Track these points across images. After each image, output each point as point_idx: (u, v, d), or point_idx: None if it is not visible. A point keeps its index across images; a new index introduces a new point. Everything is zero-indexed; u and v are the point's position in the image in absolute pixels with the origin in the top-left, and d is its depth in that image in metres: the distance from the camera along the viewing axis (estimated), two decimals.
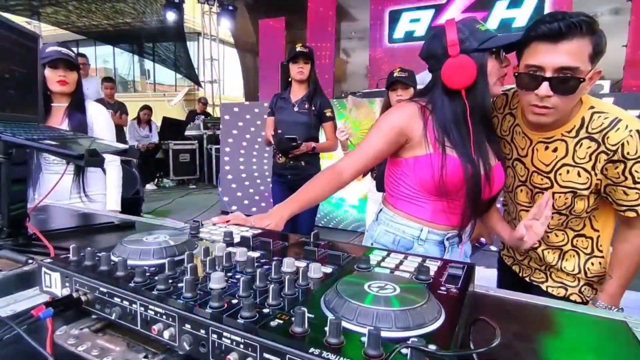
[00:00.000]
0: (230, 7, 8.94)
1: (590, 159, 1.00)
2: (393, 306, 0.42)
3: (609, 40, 0.93)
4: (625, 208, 1.02)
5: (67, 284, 0.56)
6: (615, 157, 0.97)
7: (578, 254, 1.14)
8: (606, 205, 1.08)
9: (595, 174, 1.01)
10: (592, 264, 1.13)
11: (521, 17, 5.46)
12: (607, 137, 0.97)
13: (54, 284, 0.57)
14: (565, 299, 1.16)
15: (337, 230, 4.42)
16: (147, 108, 7.01)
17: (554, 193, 1.07)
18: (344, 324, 0.40)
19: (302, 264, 0.59)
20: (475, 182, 1.02)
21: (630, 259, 1.07)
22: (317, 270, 0.56)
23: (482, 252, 1.66)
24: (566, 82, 0.92)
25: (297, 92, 2.59)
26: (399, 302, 0.43)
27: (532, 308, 0.69)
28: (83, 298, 0.53)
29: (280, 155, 2.59)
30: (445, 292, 0.52)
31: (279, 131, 2.55)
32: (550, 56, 0.91)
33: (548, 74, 0.92)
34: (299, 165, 2.54)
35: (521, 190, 1.17)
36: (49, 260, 0.60)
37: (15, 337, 0.49)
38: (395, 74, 2.20)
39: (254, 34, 8.33)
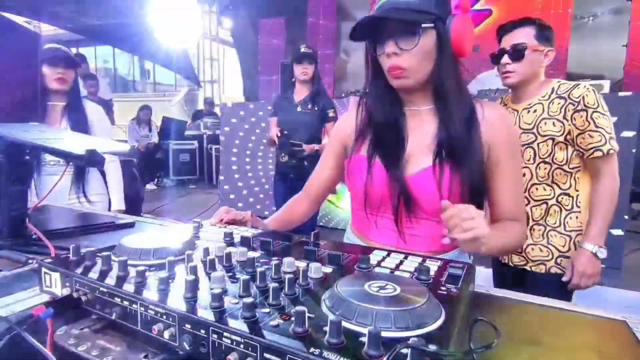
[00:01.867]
0: (230, 7, 8.93)
1: (560, 111, 1.34)
2: (393, 306, 0.42)
3: (609, 40, 0.99)
4: (592, 149, 1.30)
5: (67, 284, 0.56)
6: (579, 107, 1.30)
7: (561, 209, 1.39)
8: (585, 171, 1.37)
9: (567, 122, 1.32)
10: (571, 218, 1.38)
11: None
12: (572, 93, 1.32)
13: (54, 284, 0.57)
14: (547, 274, 1.39)
15: (337, 230, 4.42)
16: (146, 108, 7.00)
17: (538, 143, 1.37)
18: (344, 324, 0.40)
19: (302, 264, 0.59)
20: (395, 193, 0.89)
21: (603, 200, 1.32)
22: (317, 270, 0.56)
23: None
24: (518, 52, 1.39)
25: (301, 92, 2.60)
26: (399, 302, 0.43)
27: (532, 308, 0.69)
28: (83, 298, 0.53)
29: (283, 154, 2.60)
30: (445, 292, 0.52)
31: (285, 132, 2.55)
32: (507, 40, 1.42)
33: (507, 49, 1.41)
34: (302, 165, 2.54)
35: None
36: (49, 260, 0.60)
37: (16, 337, 0.49)
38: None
39: (253, 34, 8.33)
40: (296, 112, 2.57)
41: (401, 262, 0.63)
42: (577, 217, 1.37)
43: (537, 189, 1.40)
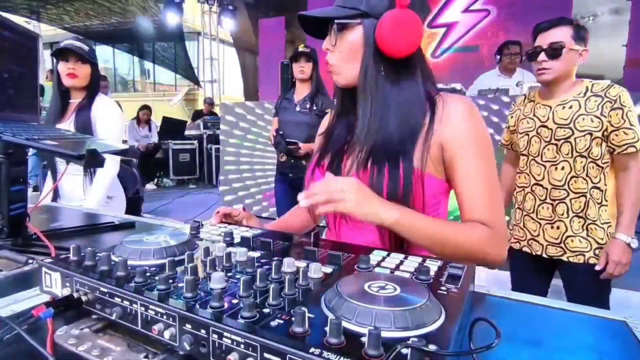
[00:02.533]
0: (230, 7, 8.93)
1: (598, 108, 1.43)
2: (393, 306, 0.42)
3: (609, 40, 0.99)
4: (626, 145, 1.41)
5: (67, 284, 0.56)
6: (616, 105, 1.40)
7: (594, 203, 1.48)
8: (611, 166, 1.47)
9: (605, 118, 1.41)
10: (604, 211, 1.48)
11: None
12: (608, 92, 1.43)
13: (54, 284, 0.57)
14: (586, 264, 1.48)
15: None
16: (146, 108, 6.98)
17: (575, 138, 1.45)
18: (344, 324, 0.40)
19: (302, 264, 0.59)
20: None
21: (635, 192, 1.43)
22: (317, 270, 0.56)
23: None
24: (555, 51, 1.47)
25: (301, 92, 2.60)
26: (399, 302, 0.43)
27: (532, 308, 0.69)
28: (83, 298, 0.53)
29: (281, 154, 2.60)
30: (445, 292, 0.52)
31: (281, 132, 2.56)
32: (544, 38, 1.50)
33: (544, 47, 1.49)
34: (300, 164, 2.54)
35: (548, 149, 1.53)
36: (49, 260, 0.60)
37: (16, 337, 0.49)
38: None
39: (253, 33, 8.32)
40: (295, 112, 2.58)
41: (401, 262, 0.63)
42: (606, 210, 1.48)
43: (575, 181, 1.48)
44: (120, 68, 15.82)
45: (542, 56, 1.47)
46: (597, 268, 1.46)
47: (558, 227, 1.53)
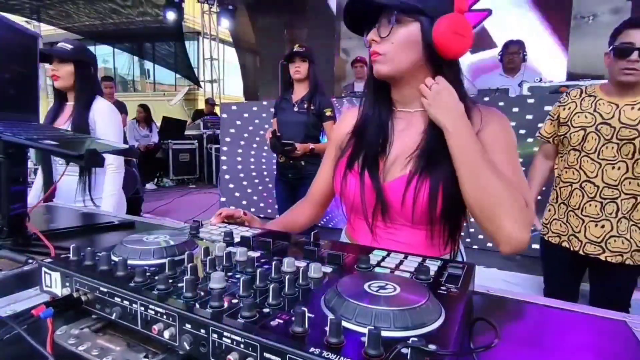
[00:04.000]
0: (230, 7, 8.93)
1: None
2: (393, 306, 0.42)
3: (608, 40, 0.97)
4: None
5: (67, 284, 0.56)
6: None
7: None
8: None
9: None
10: None
11: None
12: None
13: (54, 283, 0.57)
14: (622, 265, 1.51)
15: (337, 230, 4.42)
16: (140, 106, 6.93)
17: None
18: (344, 323, 0.40)
19: (302, 263, 0.59)
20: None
21: None
22: (317, 270, 0.56)
23: (482, 252, 1.68)
24: None
25: (298, 92, 2.60)
26: (399, 302, 0.43)
27: (532, 308, 0.69)
28: (83, 298, 0.53)
29: (279, 154, 2.60)
30: (445, 292, 0.52)
31: (278, 134, 2.55)
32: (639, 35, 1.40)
33: (637, 46, 1.40)
34: (299, 165, 2.54)
35: (606, 147, 1.50)
36: (49, 260, 0.60)
37: (16, 337, 0.49)
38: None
39: (253, 33, 8.32)
40: (293, 112, 2.58)
41: (401, 262, 0.63)
42: None
43: (630, 182, 1.48)
44: (120, 68, 15.82)
45: (635, 55, 1.40)
46: None
47: (603, 226, 1.53)
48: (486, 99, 3.37)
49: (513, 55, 3.79)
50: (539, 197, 1.97)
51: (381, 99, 0.93)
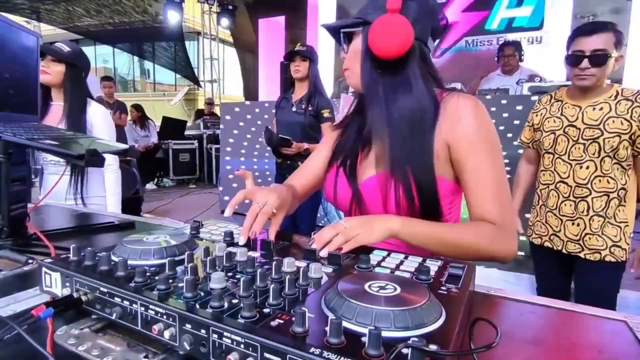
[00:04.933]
0: (230, 7, 8.92)
1: (628, 112, 1.46)
2: (393, 306, 0.42)
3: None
4: None
5: (67, 284, 0.56)
6: None
7: (619, 202, 1.53)
8: (635, 170, 1.54)
9: (634, 122, 1.45)
10: (621, 210, 1.54)
11: (522, 16, 5.46)
12: (639, 97, 1.47)
13: (54, 283, 0.57)
14: (602, 261, 1.55)
15: None
16: (133, 107, 6.84)
17: (604, 139, 1.49)
18: (345, 323, 0.40)
19: (302, 263, 0.59)
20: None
21: None
22: (317, 270, 0.56)
23: None
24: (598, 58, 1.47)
25: (298, 92, 2.60)
26: (399, 302, 0.43)
27: (532, 308, 0.69)
28: (83, 298, 0.53)
29: (275, 148, 2.60)
30: (445, 292, 0.52)
31: (275, 132, 2.55)
32: (587, 43, 1.48)
33: (587, 53, 1.48)
34: (295, 165, 2.54)
35: (575, 148, 1.57)
36: (49, 260, 0.60)
37: (16, 337, 0.49)
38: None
39: (253, 33, 8.32)
40: (291, 112, 2.57)
41: (401, 262, 0.63)
42: (624, 210, 1.54)
43: (600, 180, 1.52)
44: (120, 68, 15.83)
45: (585, 63, 1.48)
46: (632, 270, 1.57)
47: (578, 225, 1.58)
48: (488, 97, 3.37)
49: (509, 57, 3.84)
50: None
51: (360, 104, 0.97)
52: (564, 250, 1.63)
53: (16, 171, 0.93)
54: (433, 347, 0.36)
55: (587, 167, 1.54)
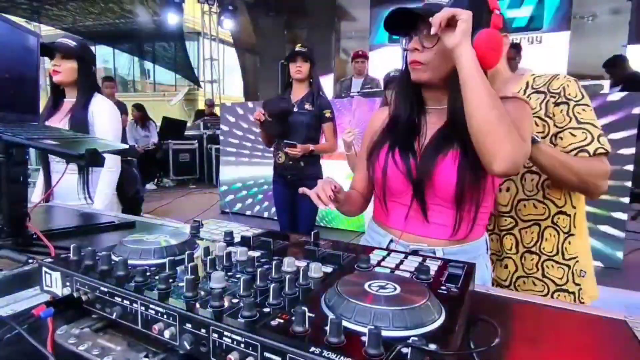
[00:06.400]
0: (230, 7, 8.93)
1: (541, 108, 1.08)
2: (393, 306, 0.42)
3: (609, 40, 0.98)
4: (576, 150, 1.02)
5: (67, 284, 0.56)
6: (560, 100, 1.05)
7: (558, 232, 1.13)
8: None
9: (550, 119, 1.07)
10: (569, 242, 1.13)
11: (522, 17, 5.46)
12: (551, 85, 1.08)
13: (55, 283, 0.57)
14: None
15: (337, 230, 4.42)
16: (134, 106, 6.83)
17: None
18: (345, 323, 0.40)
19: (302, 263, 0.59)
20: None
21: (583, 162, 1.06)
22: (317, 270, 0.56)
23: None
24: None
25: (298, 92, 2.60)
26: (399, 302, 0.43)
27: (532, 308, 0.69)
28: (84, 297, 0.53)
29: (279, 155, 2.59)
30: (445, 292, 0.52)
31: (270, 120, 2.51)
32: None
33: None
34: (298, 165, 2.53)
35: None
36: (49, 259, 0.60)
37: (16, 336, 0.49)
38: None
39: (253, 33, 8.32)
40: (293, 113, 2.57)
41: (401, 262, 0.63)
42: (570, 243, 1.13)
43: (525, 205, 1.13)
44: (120, 68, 15.83)
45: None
46: None
47: (506, 266, 1.18)
48: None
49: (510, 61, 3.83)
50: None
51: (414, 97, 0.99)
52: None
53: (16, 171, 0.93)
54: (433, 346, 0.36)
55: (508, 189, 1.15)
